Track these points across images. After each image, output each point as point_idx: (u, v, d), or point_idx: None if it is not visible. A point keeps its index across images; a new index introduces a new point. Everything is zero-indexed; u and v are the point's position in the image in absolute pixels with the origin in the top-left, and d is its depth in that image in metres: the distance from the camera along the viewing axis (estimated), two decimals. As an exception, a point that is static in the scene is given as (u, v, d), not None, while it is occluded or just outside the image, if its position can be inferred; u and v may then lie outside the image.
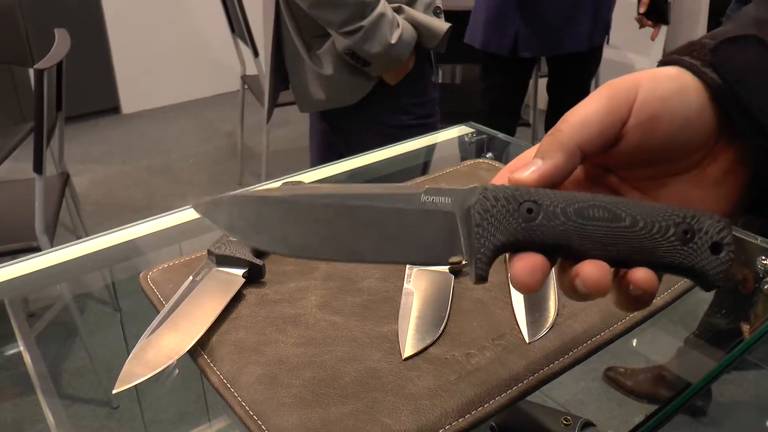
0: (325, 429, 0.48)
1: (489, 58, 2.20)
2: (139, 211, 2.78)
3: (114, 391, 0.53)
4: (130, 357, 0.55)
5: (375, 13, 1.27)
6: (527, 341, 0.57)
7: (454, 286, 0.63)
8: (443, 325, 0.58)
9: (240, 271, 0.64)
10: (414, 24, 1.35)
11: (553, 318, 0.59)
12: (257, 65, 2.75)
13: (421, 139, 1.08)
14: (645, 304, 0.34)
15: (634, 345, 0.84)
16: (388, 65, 1.35)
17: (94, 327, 1.47)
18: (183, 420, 1.25)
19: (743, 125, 0.35)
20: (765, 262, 0.76)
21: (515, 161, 0.39)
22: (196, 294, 0.61)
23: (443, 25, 1.39)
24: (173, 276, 0.67)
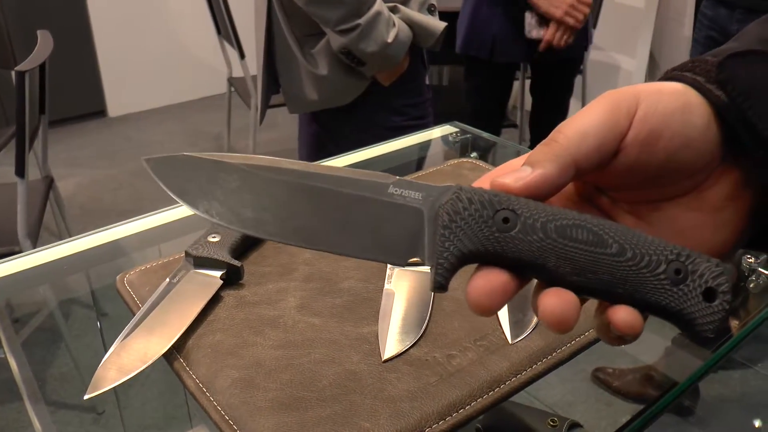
0: (302, 433, 0.47)
1: (470, 60, 2.20)
2: (126, 215, 2.75)
3: (85, 397, 0.51)
4: (103, 361, 0.54)
5: (372, 12, 1.26)
6: (510, 342, 0.56)
7: (435, 286, 0.62)
8: (424, 326, 0.57)
9: (218, 273, 0.63)
10: (410, 23, 1.34)
11: (537, 318, 0.58)
12: (243, 67, 2.73)
13: (405, 139, 1.07)
14: (628, 342, 0.31)
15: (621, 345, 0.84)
16: (383, 65, 1.34)
17: (79, 332, 1.45)
18: (169, 424, 1.24)
19: (750, 145, 0.32)
20: (750, 260, 0.76)
21: (501, 168, 0.35)
22: (172, 296, 0.60)
23: (439, 24, 1.38)
24: (150, 278, 0.65)
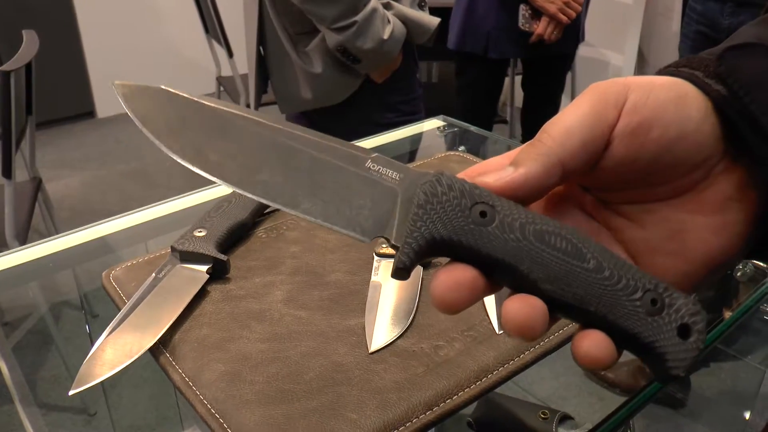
0: (289, 425, 0.47)
1: (462, 56, 2.20)
2: (115, 216, 2.74)
3: (71, 392, 0.51)
4: (88, 356, 0.53)
5: (368, 9, 1.25)
6: (497, 332, 0.56)
7: (423, 277, 0.62)
8: (411, 318, 0.57)
9: (204, 267, 0.62)
10: (403, 19, 1.34)
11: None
12: (232, 66, 2.73)
13: (393, 133, 1.07)
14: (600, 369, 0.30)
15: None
16: (379, 62, 1.34)
17: (69, 334, 1.44)
18: (160, 425, 1.24)
19: (753, 141, 0.30)
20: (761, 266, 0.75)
21: (484, 164, 0.33)
22: (158, 291, 0.60)
23: (433, 20, 1.38)
24: (136, 274, 0.65)
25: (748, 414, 0.95)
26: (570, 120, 0.30)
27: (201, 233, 0.65)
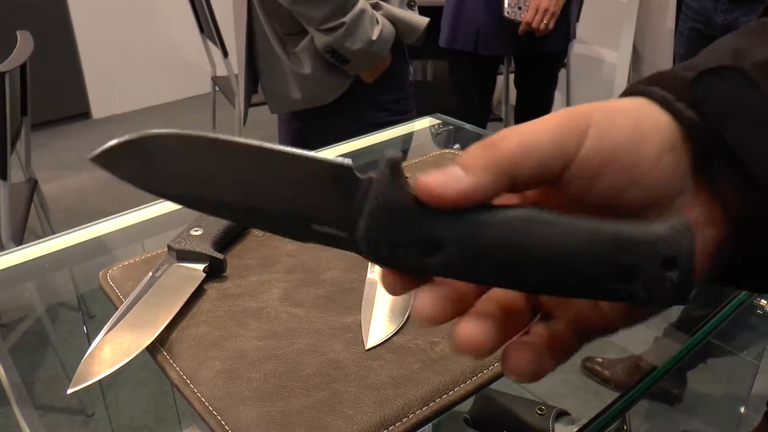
0: (286, 422, 0.47)
1: (454, 54, 2.20)
2: (112, 217, 2.74)
3: (68, 391, 0.51)
4: (86, 355, 0.53)
5: (356, 9, 1.25)
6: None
7: (418, 275, 0.62)
8: (407, 314, 0.57)
9: (200, 266, 0.63)
10: (392, 20, 1.34)
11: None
12: (227, 66, 2.73)
13: (388, 131, 1.07)
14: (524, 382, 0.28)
15: (610, 335, 0.84)
16: (367, 63, 1.33)
17: (66, 335, 1.44)
18: (158, 425, 1.24)
19: (725, 169, 0.29)
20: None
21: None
22: (155, 290, 0.60)
23: (422, 20, 1.38)
24: (133, 273, 0.65)
25: (743, 408, 0.96)
26: (532, 139, 0.28)
27: (197, 232, 0.66)
